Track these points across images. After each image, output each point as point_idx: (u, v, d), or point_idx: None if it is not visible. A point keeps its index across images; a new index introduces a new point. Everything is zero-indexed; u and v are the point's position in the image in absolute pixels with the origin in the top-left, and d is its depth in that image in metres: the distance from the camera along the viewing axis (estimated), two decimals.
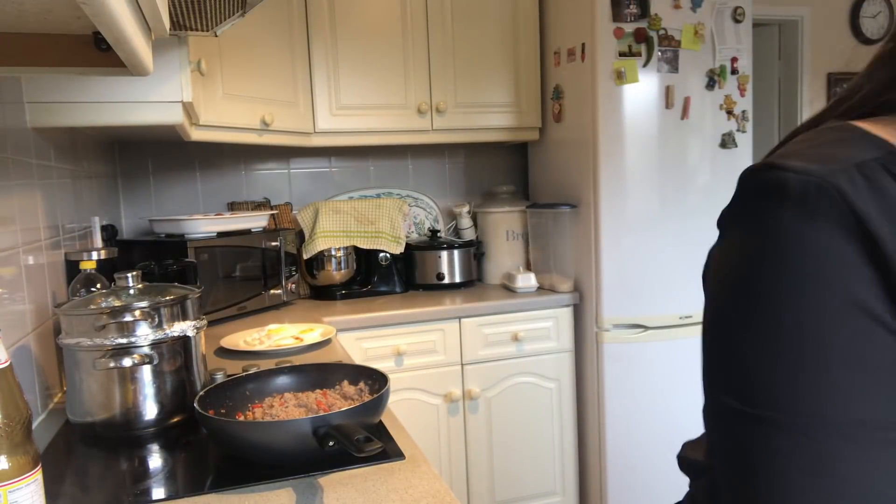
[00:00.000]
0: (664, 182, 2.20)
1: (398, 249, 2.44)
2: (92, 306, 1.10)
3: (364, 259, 2.44)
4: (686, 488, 0.70)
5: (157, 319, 1.11)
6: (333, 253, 2.37)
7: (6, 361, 0.64)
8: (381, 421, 1.08)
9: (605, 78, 2.14)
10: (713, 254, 0.49)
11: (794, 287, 0.40)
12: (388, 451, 0.97)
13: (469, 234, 2.63)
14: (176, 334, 1.13)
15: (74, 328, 1.09)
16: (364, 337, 2.11)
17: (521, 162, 2.83)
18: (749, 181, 0.45)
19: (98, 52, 0.89)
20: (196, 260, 1.86)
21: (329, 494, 0.86)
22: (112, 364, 1.06)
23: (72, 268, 1.47)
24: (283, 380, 1.14)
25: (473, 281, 2.53)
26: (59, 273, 1.44)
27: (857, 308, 0.39)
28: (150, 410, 1.12)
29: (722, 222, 0.48)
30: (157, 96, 1.36)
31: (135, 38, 0.70)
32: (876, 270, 0.39)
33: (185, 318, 1.16)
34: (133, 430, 1.11)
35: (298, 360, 1.48)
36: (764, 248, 0.42)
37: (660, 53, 2.16)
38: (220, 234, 1.98)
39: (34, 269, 1.26)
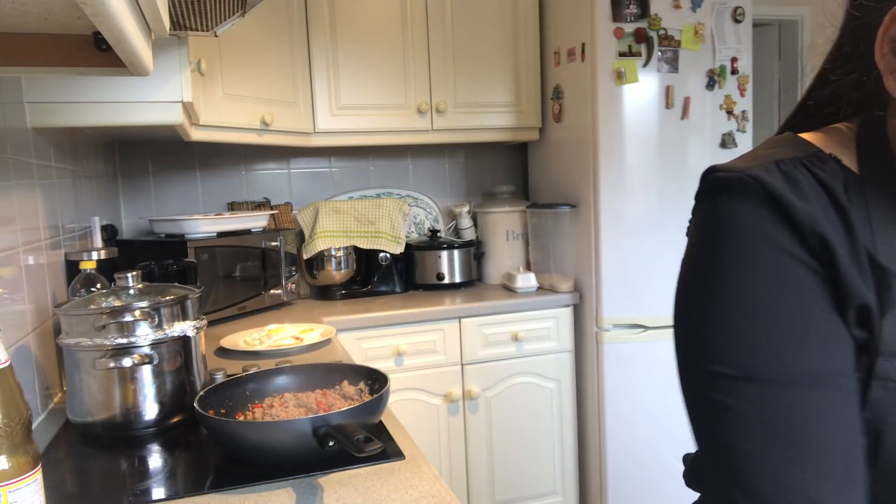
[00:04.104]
0: (664, 182, 2.20)
1: (398, 249, 2.44)
2: (92, 306, 1.10)
3: (364, 259, 2.44)
4: (687, 488, 0.70)
5: (157, 319, 1.11)
6: (333, 253, 2.37)
7: (6, 361, 0.64)
8: (381, 421, 1.08)
9: (605, 78, 2.14)
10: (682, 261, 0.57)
11: (732, 250, 0.50)
12: (388, 451, 0.97)
13: (469, 234, 2.63)
14: (176, 334, 1.13)
15: (74, 328, 1.09)
16: (364, 337, 2.11)
17: (521, 162, 2.83)
18: (698, 189, 0.55)
19: (98, 52, 0.89)
20: (196, 260, 1.86)
21: (329, 494, 0.86)
22: (112, 364, 1.06)
23: (72, 268, 1.47)
24: (283, 380, 1.14)
25: (473, 281, 2.53)
26: (59, 273, 1.44)
27: (782, 252, 0.49)
28: (150, 410, 1.11)
29: (688, 226, 0.57)
30: (157, 96, 1.36)
31: (135, 38, 0.70)
32: (789, 228, 0.49)
33: (185, 318, 1.16)
34: (133, 430, 1.11)
35: (298, 360, 1.48)
36: (706, 229, 0.52)
37: (660, 53, 2.16)
38: (220, 234, 1.98)
39: (34, 269, 1.26)
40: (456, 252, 2.46)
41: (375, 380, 1.11)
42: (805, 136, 0.57)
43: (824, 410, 0.47)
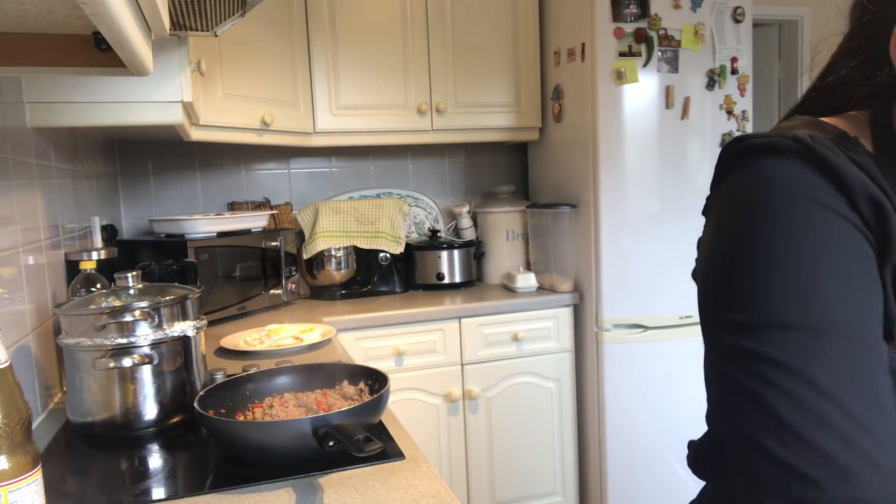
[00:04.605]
0: (664, 182, 2.20)
1: (398, 249, 2.44)
2: (92, 306, 1.10)
3: (364, 259, 2.44)
4: (687, 488, 0.70)
5: (157, 319, 1.11)
6: (333, 253, 2.37)
7: (6, 361, 0.64)
8: (381, 421, 1.08)
9: (605, 78, 2.14)
10: (702, 239, 0.56)
11: (777, 206, 0.48)
12: (388, 451, 0.97)
13: (469, 234, 2.63)
14: (176, 334, 1.13)
15: (74, 328, 1.09)
16: (364, 337, 2.10)
17: (521, 162, 2.83)
18: (723, 157, 0.53)
19: (98, 52, 0.89)
20: (196, 260, 1.86)
21: (329, 494, 0.86)
22: (112, 364, 1.06)
23: (72, 268, 1.47)
24: (283, 380, 1.14)
25: (473, 281, 2.53)
26: (59, 273, 1.44)
27: (829, 210, 0.47)
28: (150, 410, 1.11)
29: (706, 204, 0.56)
30: (157, 96, 1.36)
31: (135, 38, 0.70)
32: (837, 189, 0.47)
33: (185, 318, 1.16)
34: (133, 430, 1.11)
35: (298, 360, 1.48)
36: (743, 193, 0.50)
37: (660, 53, 2.16)
38: (221, 234, 1.98)
39: (34, 269, 1.26)
40: (456, 252, 2.46)
41: (375, 380, 1.11)
42: (832, 119, 0.55)
43: (864, 362, 0.45)
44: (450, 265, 2.46)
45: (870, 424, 0.43)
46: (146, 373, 1.11)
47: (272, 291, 2.17)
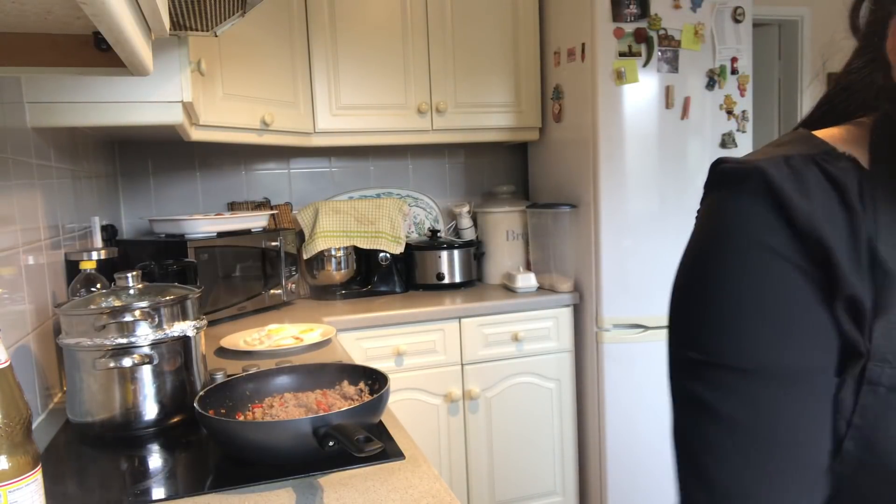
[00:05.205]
0: (664, 182, 2.20)
1: (398, 249, 2.44)
2: (92, 306, 1.10)
3: (364, 259, 2.44)
4: None
5: (157, 319, 1.11)
6: (333, 253, 2.37)
7: (6, 361, 0.64)
8: (381, 421, 1.08)
9: (605, 78, 2.14)
10: None
11: (724, 248, 0.51)
12: (388, 451, 0.97)
13: (469, 234, 2.63)
14: (176, 334, 1.13)
15: (74, 328, 1.09)
16: (364, 337, 2.11)
17: (521, 162, 2.83)
18: (706, 180, 0.56)
19: (98, 52, 0.89)
20: (196, 260, 1.86)
21: (329, 494, 0.86)
22: (112, 364, 1.06)
23: (72, 268, 1.47)
24: (283, 380, 1.14)
25: (473, 281, 2.53)
26: (59, 273, 1.44)
27: (772, 253, 0.49)
28: (150, 410, 1.11)
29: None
30: (157, 96, 1.36)
31: (135, 38, 0.70)
32: (786, 226, 0.48)
33: (185, 318, 1.16)
34: (133, 430, 1.11)
35: (298, 360, 1.48)
36: (706, 223, 0.53)
37: (660, 53, 2.16)
38: (221, 234, 1.98)
39: (34, 269, 1.26)
40: (456, 252, 2.46)
41: (375, 380, 1.11)
42: (821, 132, 0.55)
43: (788, 406, 0.48)
44: (450, 265, 2.46)
45: (728, 465, 0.48)
46: (146, 373, 1.11)
47: (272, 291, 2.17)
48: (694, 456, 0.49)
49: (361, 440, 0.81)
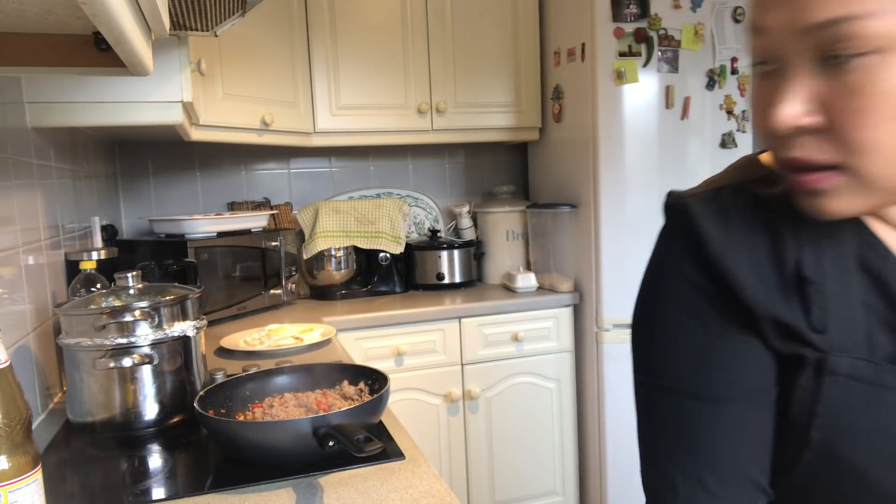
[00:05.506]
0: (664, 182, 2.20)
1: (398, 249, 2.44)
2: (92, 306, 1.10)
3: (364, 259, 2.44)
4: None
5: (157, 319, 1.11)
6: (333, 253, 2.37)
7: (6, 361, 0.64)
8: (381, 421, 1.08)
9: (605, 78, 2.14)
10: None
11: (654, 282, 0.59)
12: (388, 451, 0.97)
13: (469, 234, 2.63)
14: (176, 334, 1.13)
15: (74, 328, 1.09)
16: (364, 337, 2.10)
17: (521, 162, 2.83)
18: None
19: (98, 52, 0.89)
20: (196, 260, 1.86)
21: (329, 494, 0.86)
22: (112, 364, 1.06)
23: (72, 268, 1.47)
24: (283, 380, 1.14)
25: (473, 281, 2.53)
26: (59, 273, 1.44)
27: (691, 286, 0.55)
28: (150, 410, 1.11)
29: None
30: (157, 96, 1.36)
31: (135, 38, 0.70)
32: (705, 261, 0.54)
33: (185, 318, 1.16)
34: (133, 430, 1.11)
35: (298, 360, 1.48)
36: (650, 256, 0.61)
37: (660, 53, 2.16)
38: (220, 234, 1.98)
39: (34, 269, 1.26)
40: (456, 252, 2.46)
41: (375, 380, 1.11)
42: (765, 156, 0.58)
43: (712, 421, 0.55)
44: (450, 265, 2.46)
45: (664, 469, 0.56)
46: (146, 373, 1.11)
47: (272, 291, 2.17)
48: (643, 456, 0.59)
49: (361, 440, 0.81)
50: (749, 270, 0.53)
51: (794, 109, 0.46)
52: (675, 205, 0.58)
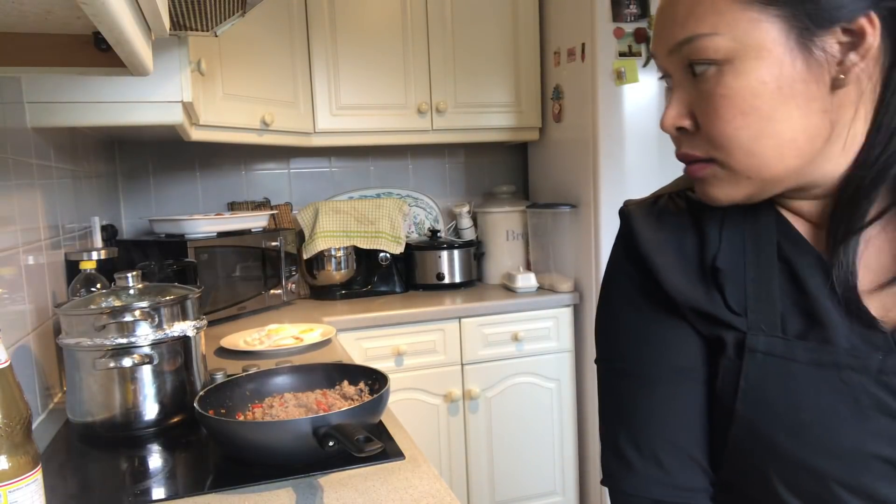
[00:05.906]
0: (664, 182, 2.18)
1: (398, 249, 2.44)
2: (92, 306, 1.10)
3: (364, 259, 2.44)
4: None
5: (157, 319, 1.11)
6: (333, 253, 2.37)
7: (6, 361, 0.64)
8: (381, 421, 1.08)
9: (605, 78, 2.14)
10: None
11: (607, 277, 0.69)
12: (388, 451, 0.97)
13: (469, 234, 2.63)
14: (176, 334, 1.13)
15: (74, 328, 1.09)
16: (364, 337, 2.10)
17: (521, 162, 2.83)
18: None
19: (98, 52, 0.89)
20: (196, 260, 1.86)
21: (329, 494, 0.86)
22: (112, 364, 1.06)
23: (72, 268, 1.47)
24: (283, 380, 1.14)
25: (473, 281, 2.53)
26: (59, 273, 1.44)
27: (629, 280, 0.65)
28: (150, 410, 1.11)
29: None
30: (157, 96, 1.36)
31: (135, 38, 0.70)
32: (639, 258, 0.64)
33: (185, 318, 1.16)
34: (133, 430, 1.11)
35: (298, 360, 1.48)
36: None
37: None
38: (221, 234, 1.98)
39: (34, 269, 1.26)
40: (456, 252, 2.46)
41: (375, 380, 1.11)
42: None
43: (647, 396, 0.63)
44: (450, 265, 2.46)
45: (617, 437, 0.65)
46: (146, 373, 1.11)
47: (272, 291, 2.17)
48: (601, 425, 0.67)
49: (361, 440, 0.81)
50: (673, 265, 0.61)
51: (671, 114, 0.57)
52: (622, 211, 0.68)
